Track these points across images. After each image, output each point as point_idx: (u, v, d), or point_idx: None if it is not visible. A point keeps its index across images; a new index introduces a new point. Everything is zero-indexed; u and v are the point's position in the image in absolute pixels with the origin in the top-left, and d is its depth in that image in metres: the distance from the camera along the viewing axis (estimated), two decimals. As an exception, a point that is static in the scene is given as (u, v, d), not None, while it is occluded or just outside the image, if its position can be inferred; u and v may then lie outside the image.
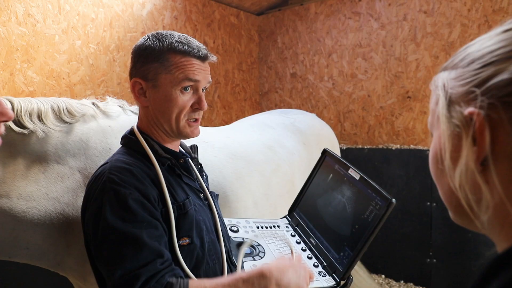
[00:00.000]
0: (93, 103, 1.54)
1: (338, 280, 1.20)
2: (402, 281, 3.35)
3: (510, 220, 0.45)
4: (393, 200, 1.12)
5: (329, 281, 1.21)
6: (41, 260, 1.36)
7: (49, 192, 1.32)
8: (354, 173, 1.31)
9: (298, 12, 4.19)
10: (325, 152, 1.53)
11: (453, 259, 3.06)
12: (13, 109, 1.27)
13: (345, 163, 1.38)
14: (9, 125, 1.25)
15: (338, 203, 1.34)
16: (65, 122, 1.39)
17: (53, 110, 1.37)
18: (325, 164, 1.51)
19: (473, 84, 0.48)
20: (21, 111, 1.27)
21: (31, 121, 1.29)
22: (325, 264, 1.28)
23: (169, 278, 0.97)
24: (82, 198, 1.37)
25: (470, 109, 0.47)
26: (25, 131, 1.28)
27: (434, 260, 3.17)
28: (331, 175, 1.44)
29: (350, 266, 1.18)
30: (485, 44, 0.49)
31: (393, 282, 3.36)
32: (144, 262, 0.96)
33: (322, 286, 1.19)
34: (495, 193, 0.46)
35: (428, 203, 3.17)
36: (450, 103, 0.51)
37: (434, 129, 0.57)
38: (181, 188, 1.17)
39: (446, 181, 0.53)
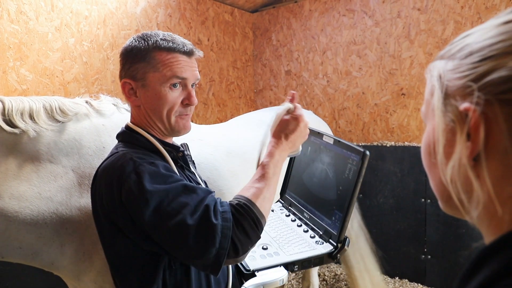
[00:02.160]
0: (86, 102, 1.53)
1: (336, 244, 1.23)
2: (397, 278, 3.37)
3: (498, 216, 0.46)
4: (367, 152, 1.16)
5: (327, 247, 1.25)
6: (35, 260, 1.35)
7: (42, 191, 1.31)
8: (328, 139, 1.35)
9: (292, 10, 4.18)
10: None
11: (448, 255, 3.09)
12: (4, 108, 1.26)
13: (319, 132, 1.42)
14: (0, 125, 1.24)
15: (321, 171, 1.38)
16: (58, 121, 1.38)
17: (45, 109, 1.35)
18: None
19: (470, 78, 0.46)
20: (12, 110, 1.26)
21: (23, 120, 1.28)
22: (321, 233, 1.31)
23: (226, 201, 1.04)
24: (76, 197, 1.36)
25: (465, 104, 0.46)
26: (16, 130, 1.27)
27: (429, 257, 3.19)
28: (309, 147, 1.48)
29: (343, 227, 1.21)
30: (484, 35, 0.47)
31: (388, 279, 3.38)
32: (203, 196, 1.00)
33: (321, 253, 1.23)
34: (485, 188, 0.46)
35: (423, 200, 3.19)
36: (446, 96, 0.50)
37: (427, 120, 0.56)
38: (187, 178, 1.21)
39: (438, 174, 0.53)
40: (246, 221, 0.98)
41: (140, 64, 1.12)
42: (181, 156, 1.23)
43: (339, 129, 3.90)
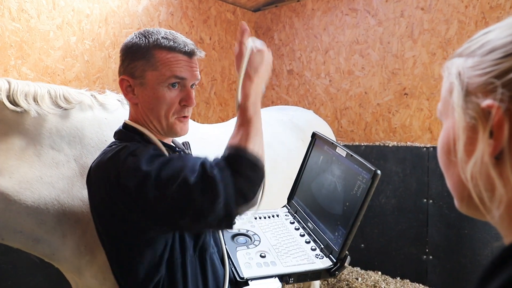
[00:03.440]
0: (91, 95, 1.54)
1: (335, 260, 1.21)
2: (398, 278, 3.36)
3: None
4: (378, 171, 1.13)
5: (326, 262, 1.23)
6: (35, 247, 1.34)
7: (43, 176, 1.31)
8: (341, 151, 1.33)
9: (295, 9, 4.17)
10: (314, 135, 1.55)
11: (449, 256, 3.07)
12: (9, 88, 1.28)
13: (333, 143, 1.40)
14: (3, 102, 1.26)
15: (330, 183, 1.35)
16: (61, 107, 1.39)
17: (50, 94, 1.37)
18: (316, 147, 1.53)
19: (493, 75, 0.46)
20: (17, 91, 1.28)
21: (26, 101, 1.30)
22: (322, 246, 1.29)
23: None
24: (78, 187, 1.36)
25: (488, 101, 0.45)
26: (18, 109, 1.28)
27: (430, 257, 3.18)
28: (322, 157, 1.46)
29: (345, 244, 1.19)
30: (506, 32, 0.47)
31: (390, 279, 3.37)
32: (197, 158, 1.04)
33: (319, 268, 1.21)
34: (508, 187, 0.45)
35: (425, 200, 3.18)
36: (467, 93, 0.49)
37: (445, 118, 0.55)
38: None
39: (457, 172, 0.51)
40: (242, 166, 0.99)
41: (139, 61, 1.10)
42: None
43: (341, 129, 3.89)
